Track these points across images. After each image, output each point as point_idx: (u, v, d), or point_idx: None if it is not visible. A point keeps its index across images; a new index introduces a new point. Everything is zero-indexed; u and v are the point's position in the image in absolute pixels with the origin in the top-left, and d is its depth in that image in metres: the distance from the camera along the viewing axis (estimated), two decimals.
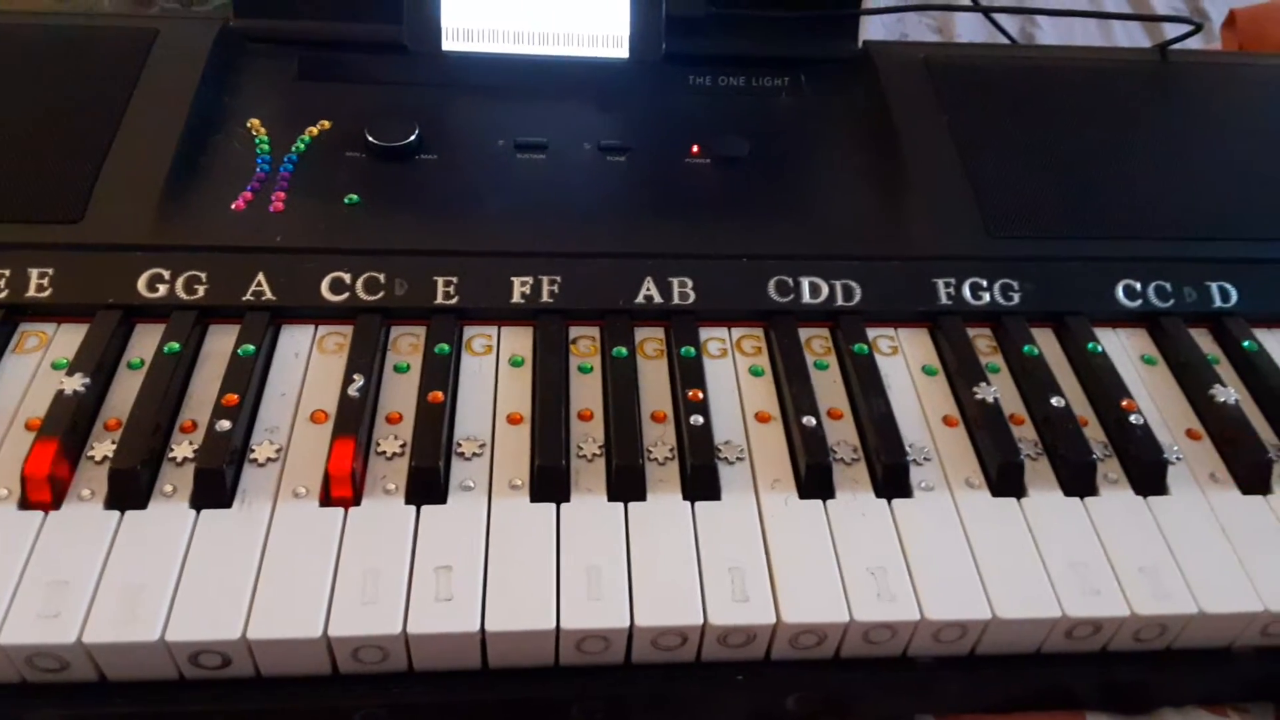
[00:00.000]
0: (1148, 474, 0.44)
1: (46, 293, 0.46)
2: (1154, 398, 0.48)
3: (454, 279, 0.48)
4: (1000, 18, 0.83)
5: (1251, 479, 0.45)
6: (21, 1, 0.81)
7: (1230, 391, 0.47)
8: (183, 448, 0.42)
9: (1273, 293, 0.53)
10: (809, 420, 0.44)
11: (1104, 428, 0.47)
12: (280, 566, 0.38)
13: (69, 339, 0.45)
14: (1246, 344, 0.50)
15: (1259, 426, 0.47)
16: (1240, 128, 0.60)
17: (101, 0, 0.86)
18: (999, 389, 0.47)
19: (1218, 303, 0.52)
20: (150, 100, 0.53)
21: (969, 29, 0.95)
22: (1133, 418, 0.46)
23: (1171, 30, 0.64)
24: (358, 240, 0.50)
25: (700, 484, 0.42)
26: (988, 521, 0.42)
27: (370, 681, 0.38)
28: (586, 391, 0.46)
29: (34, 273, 0.46)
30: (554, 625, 0.37)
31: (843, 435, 0.45)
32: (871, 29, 0.90)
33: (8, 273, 0.46)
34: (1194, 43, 0.95)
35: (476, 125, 0.56)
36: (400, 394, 0.45)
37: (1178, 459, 0.45)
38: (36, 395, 0.43)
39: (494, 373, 0.47)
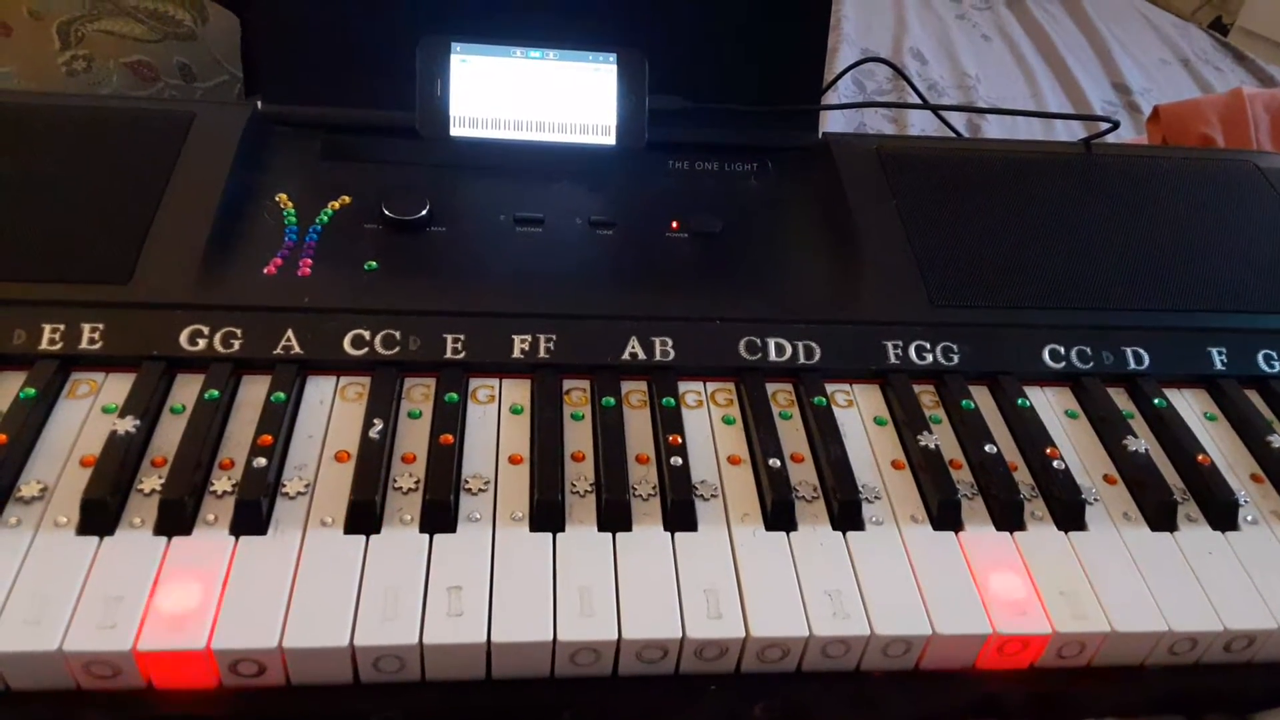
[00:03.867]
0: (1068, 512, 0.49)
1: (97, 345, 0.50)
2: (1075, 447, 0.53)
3: (461, 337, 0.53)
4: (949, 113, 0.91)
5: (1159, 517, 0.49)
6: (35, 80, 0.85)
7: (1141, 442, 0.52)
8: (222, 482, 0.46)
9: (1180, 357, 0.58)
10: (774, 463, 0.48)
11: (1031, 472, 0.51)
12: (310, 586, 0.42)
13: (117, 386, 0.49)
14: (1157, 401, 0.55)
15: (1166, 473, 0.52)
16: (1152, 212, 0.65)
17: (110, 77, 0.90)
18: (940, 437, 0.51)
19: (1132, 365, 0.57)
20: (190, 176, 0.58)
21: (921, 120, 1.04)
22: (1055, 463, 0.50)
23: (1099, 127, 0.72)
24: (376, 302, 0.54)
25: (679, 517, 0.46)
26: (929, 551, 0.46)
27: (387, 689, 0.42)
28: (579, 436, 0.50)
29: (86, 327, 0.50)
30: (551, 637, 0.41)
31: (804, 476, 0.50)
32: (834, 120, 0.98)
33: (62, 327, 0.50)
34: (1126, 134, 1.05)
35: (481, 202, 0.61)
36: (414, 437, 0.49)
37: (1095, 500, 0.50)
38: (89, 435, 0.47)
39: (497, 419, 0.51)
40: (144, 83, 0.89)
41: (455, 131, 0.63)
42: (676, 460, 0.48)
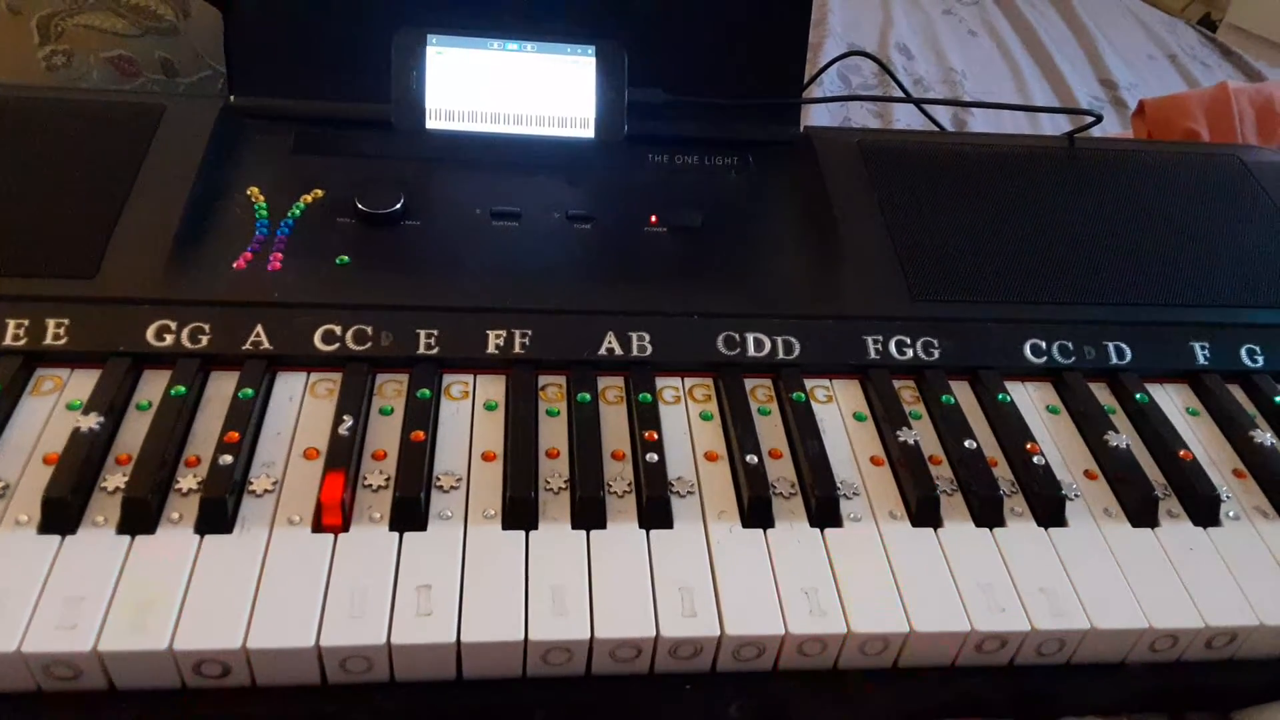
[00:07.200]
0: (1048, 508, 0.48)
1: (62, 341, 0.49)
2: (1056, 442, 0.53)
3: (435, 332, 0.52)
4: (933, 106, 0.91)
5: (1140, 513, 0.49)
6: (14, 75, 0.85)
7: (1123, 437, 0.52)
8: (188, 480, 0.45)
9: (1163, 352, 0.57)
10: (752, 459, 0.48)
11: (1011, 468, 0.51)
12: (276, 585, 0.41)
13: (82, 383, 0.48)
14: (1139, 396, 0.55)
15: (1148, 468, 0.51)
16: (1136, 206, 0.65)
17: (90, 72, 0.89)
18: (920, 433, 0.51)
19: (1114, 360, 0.57)
20: (159, 169, 0.57)
21: (905, 114, 1.03)
22: (1036, 459, 0.50)
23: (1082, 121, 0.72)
24: (348, 297, 0.53)
25: (654, 514, 0.46)
26: (908, 548, 0.46)
27: (355, 690, 0.41)
28: (554, 432, 0.49)
29: (51, 323, 0.50)
30: (522, 637, 0.40)
31: (782, 472, 0.49)
32: (819, 115, 0.98)
33: (27, 322, 0.49)
34: (1112, 129, 1.04)
35: (456, 195, 0.60)
36: (385, 434, 0.48)
37: (1076, 495, 0.50)
38: (53, 433, 0.46)
39: (470, 415, 0.50)
40: (125, 78, 0.88)
41: (431, 124, 0.62)
42: (652, 457, 0.48)
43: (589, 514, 0.45)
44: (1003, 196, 0.64)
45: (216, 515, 0.43)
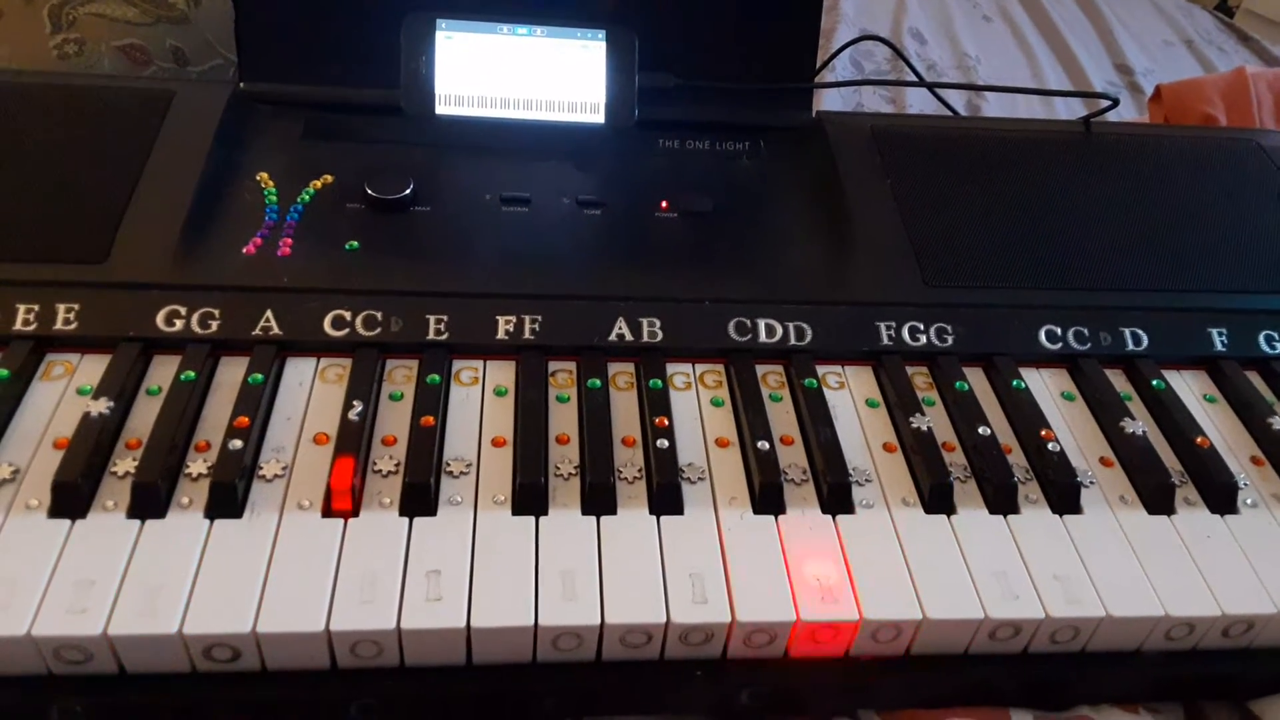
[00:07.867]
0: (1063, 495, 0.48)
1: (72, 326, 0.49)
2: (1071, 429, 0.52)
3: (444, 317, 0.52)
4: (947, 92, 0.90)
5: (1157, 500, 0.48)
6: (26, 64, 0.85)
7: (1139, 424, 0.51)
8: (197, 465, 0.45)
9: (1180, 338, 0.57)
10: (763, 445, 0.48)
11: (1025, 454, 0.50)
12: (286, 569, 0.41)
13: (92, 368, 0.48)
14: (1155, 383, 0.54)
15: (1164, 455, 0.51)
16: (1153, 191, 0.64)
17: (101, 61, 0.89)
18: (933, 420, 0.50)
19: (1130, 346, 0.56)
20: (169, 154, 0.57)
21: (918, 99, 1.02)
22: (1050, 446, 0.49)
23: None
24: (357, 282, 0.53)
25: (665, 500, 0.45)
26: (921, 535, 0.46)
27: (365, 675, 0.41)
28: (564, 418, 0.49)
29: (61, 308, 0.50)
30: (532, 622, 0.40)
31: (793, 459, 0.49)
32: (831, 101, 0.97)
33: (37, 308, 0.49)
34: (1128, 115, 1.03)
35: (466, 181, 0.60)
36: (395, 419, 0.48)
37: (1091, 482, 0.49)
38: (63, 417, 0.46)
39: (480, 401, 0.50)
40: (136, 66, 0.88)
41: (440, 109, 0.62)
42: (663, 442, 0.47)
43: (599, 500, 0.45)
44: (1017, 182, 0.64)
45: (226, 500, 0.43)
